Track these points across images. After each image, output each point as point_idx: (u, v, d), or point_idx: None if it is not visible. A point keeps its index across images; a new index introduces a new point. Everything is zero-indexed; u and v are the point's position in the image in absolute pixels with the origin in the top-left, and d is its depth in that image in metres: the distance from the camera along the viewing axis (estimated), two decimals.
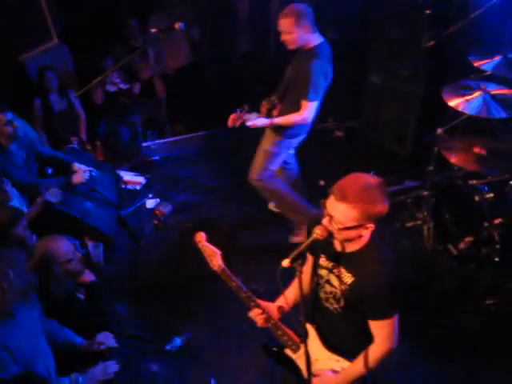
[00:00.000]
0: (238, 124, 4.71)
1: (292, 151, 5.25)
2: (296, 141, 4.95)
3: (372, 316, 2.65)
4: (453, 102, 4.58)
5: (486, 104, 4.51)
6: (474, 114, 4.51)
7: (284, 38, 4.44)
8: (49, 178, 5.04)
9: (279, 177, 5.36)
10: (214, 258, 3.01)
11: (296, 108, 4.60)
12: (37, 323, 3.19)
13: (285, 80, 4.76)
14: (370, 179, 2.48)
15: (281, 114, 4.74)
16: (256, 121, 4.70)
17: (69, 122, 6.15)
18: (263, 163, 4.95)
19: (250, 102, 4.92)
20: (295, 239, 5.26)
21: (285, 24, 4.36)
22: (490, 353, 4.26)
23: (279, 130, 4.75)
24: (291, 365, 3.02)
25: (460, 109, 4.54)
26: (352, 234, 2.52)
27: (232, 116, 4.70)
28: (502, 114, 4.47)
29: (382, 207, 2.46)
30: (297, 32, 4.37)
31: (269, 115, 4.81)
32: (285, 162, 5.29)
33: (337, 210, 2.45)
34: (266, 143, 4.91)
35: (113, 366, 3.38)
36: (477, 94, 4.59)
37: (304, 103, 4.54)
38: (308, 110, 4.56)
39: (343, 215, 2.44)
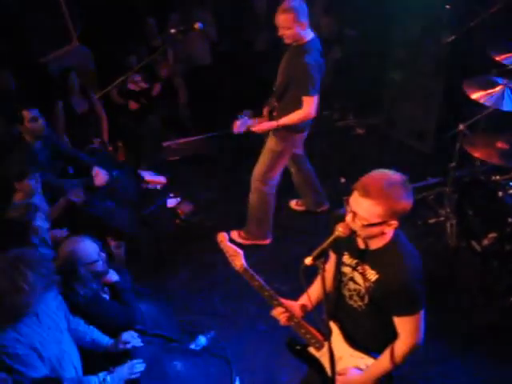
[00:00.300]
0: (242, 130, 4.73)
1: (300, 151, 5.26)
2: (301, 137, 4.94)
3: (397, 312, 2.64)
4: (475, 95, 4.55)
5: (508, 98, 4.48)
6: (496, 107, 4.48)
7: (282, 32, 4.45)
8: (71, 179, 5.09)
9: (296, 177, 5.37)
10: (237, 257, 3.02)
11: (296, 105, 4.61)
12: (60, 320, 3.21)
13: (280, 78, 4.75)
14: (394, 176, 2.47)
15: (280, 113, 4.74)
16: (262, 125, 4.73)
17: (91, 123, 6.18)
18: (268, 162, 4.95)
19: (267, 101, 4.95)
20: (234, 234, 5.30)
21: (284, 19, 4.37)
22: None
23: (283, 127, 4.73)
24: (315, 363, 3.01)
25: (482, 101, 4.51)
26: (375, 230, 2.51)
27: (236, 122, 4.72)
28: None
29: (406, 204, 2.45)
30: (295, 28, 4.39)
31: (271, 117, 4.83)
32: (299, 163, 5.31)
33: (361, 207, 2.44)
34: (271, 142, 4.90)
35: (139, 365, 3.41)
36: (499, 88, 4.55)
37: (306, 99, 4.55)
38: (310, 105, 4.58)
39: (367, 211, 2.43)
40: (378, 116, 6.99)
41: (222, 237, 3.11)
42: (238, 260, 3.01)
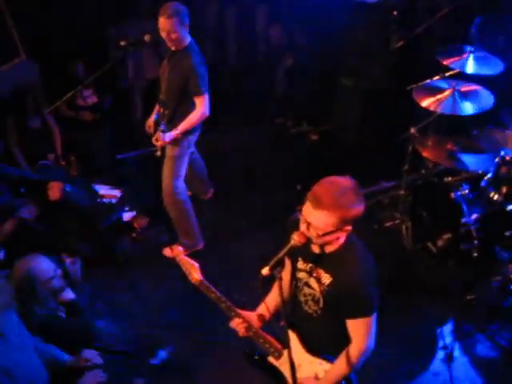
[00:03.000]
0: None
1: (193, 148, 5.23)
2: (194, 137, 4.94)
3: (349, 315, 2.65)
4: (425, 103, 4.63)
5: (456, 102, 4.57)
6: (445, 112, 4.57)
7: (168, 37, 4.46)
8: (22, 197, 5.00)
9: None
10: (192, 270, 3.02)
11: (187, 107, 4.63)
12: (24, 337, 3.17)
13: (167, 85, 4.74)
14: (345, 182, 2.47)
15: (172, 120, 4.73)
16: (166, 138, 4.67)
17: (44, 138, 6.07)
18: (172, 170, 4.93)
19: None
20: (167, 252, 5.27)
21: (170, 24, 4.37)
22: (471, 346, 4.30)
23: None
24: (275, 372, 3.01)
25: (432, 108, 4.59)
26: (330, 238, 2.52)
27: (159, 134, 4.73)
28: (472, 111, 4.53)
29: (358, 210, 2.46)
30: (180, 31, 4.43)
31: (157, 127, 4.84)
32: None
33: (314, 217, 2.44)
34: (169, 149, 4.87)
35: (100, 375, 3.37)
36: (447, 92, 4.64)
37: (198, 99, 4.57)
38: (204, 104, 4.60)
39: (321, 222, 2.43)
40: (331, 122, 7.04)
41: (178, 251, 3.11)
42: (195, 273, 3.01)
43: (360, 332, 2.67)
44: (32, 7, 6.32)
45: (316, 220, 2.44)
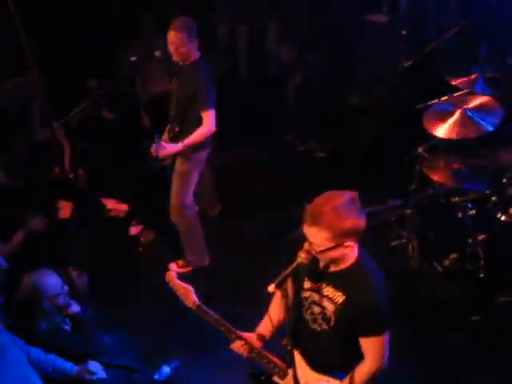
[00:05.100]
0: (158, 154, 4.70)
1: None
2: (205, 153, 4.93)
3: (364, 333, 2.63)
4: (439, 132, 4.55)
5: (469, 122, 4.52)
6: (462, 137, 4.52)
7: (175, 50, 4.50)
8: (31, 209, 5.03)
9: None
10: (188, 295, 2.99)
11: (195, 123, 4.64)
12: (23, 354, 3.16)
13: (176, 101, 4.77)
14: (338, 197, 2.44)
15: (183, 137, 4.71)
16: (167, 149, 4.68)
17: (52, 151, 6.10)
18: (182, 186, 4.93)
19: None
20: (173, 267, 5.27)
21: (179, 37, 4.43)
22: (477, 369, 4.27)
23: (187, 147, 4.72)
24: None
25: (448, 137, 4.52)
26: (333, 254, 2.49)
27: (153, 146, 4.72)
28: (488, 128, 4.49)
29: (354, 222, 2.41)
30: (188, 46, 4.48)
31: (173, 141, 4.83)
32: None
33: (310, 234, 2.44)
34: (179, 165, 4.88)
35: None
36: (457, 113, 4.58)
37: (205, 114, 4.58)
38: (211, 120, 4.60)
39: (316, 238, 2.42)
40: (339, 140, 7.05)
41: (170, 276, 3.08)
42: (190, 297, 2.99)
43: (374, 350, 2.66)
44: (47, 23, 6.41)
45: (311, 237, 2.44)
